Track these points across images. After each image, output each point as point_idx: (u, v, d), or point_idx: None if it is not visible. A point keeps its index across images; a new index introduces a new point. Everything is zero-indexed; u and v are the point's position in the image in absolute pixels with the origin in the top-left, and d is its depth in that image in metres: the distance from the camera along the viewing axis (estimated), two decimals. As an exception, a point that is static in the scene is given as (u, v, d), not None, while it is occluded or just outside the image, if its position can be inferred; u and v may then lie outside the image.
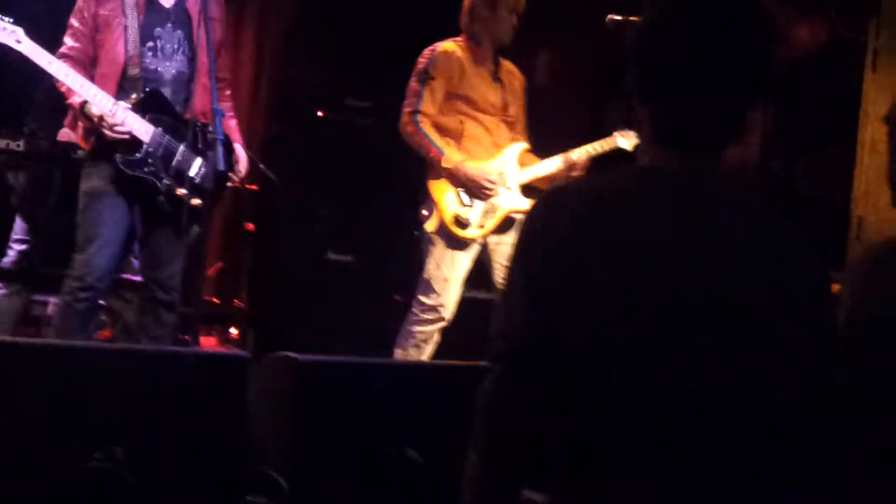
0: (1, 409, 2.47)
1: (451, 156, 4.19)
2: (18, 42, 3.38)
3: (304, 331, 5.61)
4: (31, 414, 2.50)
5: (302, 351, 2.87)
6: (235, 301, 5.84)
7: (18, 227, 4.67)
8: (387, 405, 2.92)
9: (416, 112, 4.24)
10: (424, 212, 4.29)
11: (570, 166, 4.29)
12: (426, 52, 4.35)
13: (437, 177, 4.24)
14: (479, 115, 4.33)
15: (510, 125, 4.44)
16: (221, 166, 3.43)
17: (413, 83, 4.31)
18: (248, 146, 5.70)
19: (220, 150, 3.41)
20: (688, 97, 1.50)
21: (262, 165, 5.26)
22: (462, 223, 4.20)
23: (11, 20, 3.37)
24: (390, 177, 6.24)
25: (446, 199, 4.22)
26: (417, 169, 4.42)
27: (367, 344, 5.14)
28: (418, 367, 3.63)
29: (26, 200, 4.66)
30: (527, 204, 4.32)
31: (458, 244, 4.23)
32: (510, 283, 1.51)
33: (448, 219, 4.20)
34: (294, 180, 5.95)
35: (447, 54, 4.30)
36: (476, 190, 4.20)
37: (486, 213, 4.24)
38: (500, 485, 1.48)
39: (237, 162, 3.83)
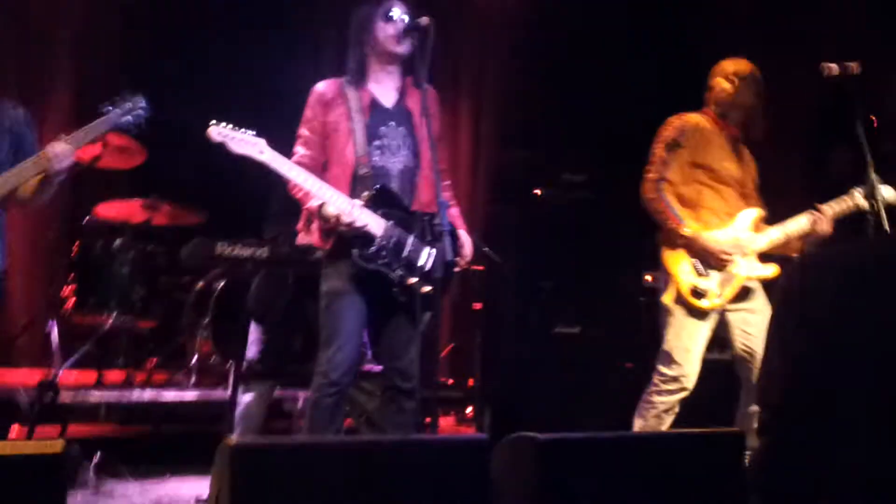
0: None
1: (692, 225, 4.20)
2: (261, 153, 3.56)
3: (538, 405, 5.65)
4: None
5: (538, 426, 2.90)
6: (469, 381, 5.96)
7: (253, 328, 4.96)
8: (630, 479, 2.90)
9: (661, 180, 4.29)
10: (654, 280, 4.31)
11: (816, 225, 4.22)
12: (675, 120, 4.41)
13: (673, 247, 4.24)
14: (719, 186, 4.34)
15: (747, 199, 4.42)
16: (449, 256, 3.55)
17: (659, 151, 4.35)
18: (470, 228, 5.89)
19: (447, 239, 3.53)
20: None
21: (485, 248, 5.39)
22: (700, 294, 4.18)
23: (254, 133, 3.57)
24: (609, 246, 6.26)
25: (682, 270, 4.21)
26: (637, 235, 4.44)
27: (601, 415, 5.12)
28: (660, 437, 3.57)
29: (253, 304, 4.95)
30: (766, 271, 4.27)
31: (697, 314, 4.20)
32: (771, 353, 1.49)
33: (685, 290, 4.19)
34: (517, 258, 6.06)
35: (697, 126, 4.37)
36: (713, 260, 4.18)
37: (724, 282, 4.20)
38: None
39: (462, 247, 3.95)
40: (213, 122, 3.50)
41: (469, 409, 6.16)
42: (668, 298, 4.23)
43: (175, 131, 6.86)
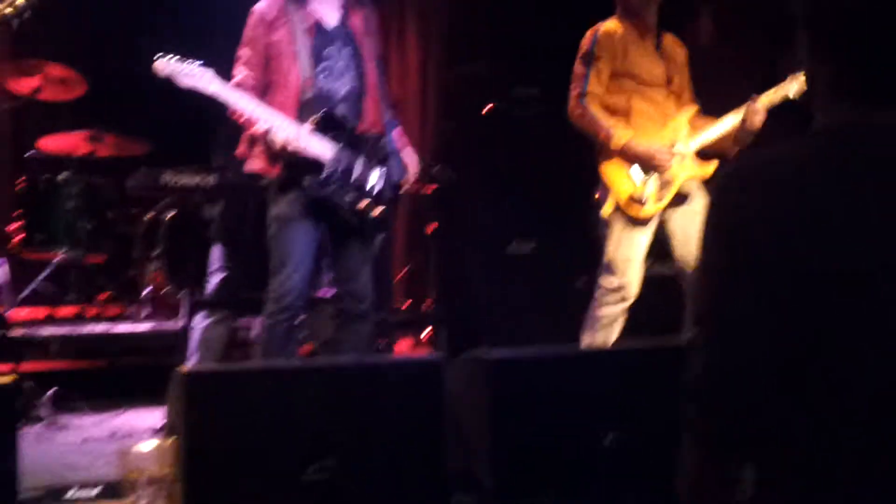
0: (218, 434, 2.64)
1: (621, 135, 4.14)
2: (210, 84, 3.49)
3: (492, 325, 5.69)
4: (250, 436, 2.66)
5: (493, 345, 2.92)
6: (426, 302, 5.97)
7: (215, 257, 4.90)
8: (582, 394, 2.94)
9: (583, 94, 4.23)
10: (598, 196, 4.27)
11: (746, 120, 4.13)
12: (588, 34, 4.34)
13: (608, 158, 4.20)
14: (646, 90, 4.27)
15: (677, 96, 4.37)
16: (396, 176, 3.52)
17: (578, 66, 4.30)
18: (421, 148, 5.84)
19: (394, 160, 3.50)
20: (880, 46, 1.42)
21: (437, 167, 5.36)
22: (638, 201, 4.15)
23: (201, 63, 3.49)
24: (564, 162, 6.24)
25: (619, 180, 4.18)
26: (589, 152, 4.41)
27: (554, 332, 5.17)
28: (610, 352, 3.62)
29: (222, 231, 4.91)
30: (704, 170, 4.25)
31: (636, 223, 4.17)
32: (707, 262, 1.49)
33: (623, 199, 4.16)
34: (469, 177, 6.04)
35: (609, 34, 4.27)
36: (649, 165, 4.14)
37: (663, 186, 4.16)
38: (717, 466, 1.47)
39: (408, 166, 3.92)
40: (160, 54, 3.41)
41: (426, 332, 6.19)
42: (607, 210, 4.20)
43: (116, 59, 6.73)
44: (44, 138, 6.08)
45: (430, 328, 5.94)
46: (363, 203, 3.69)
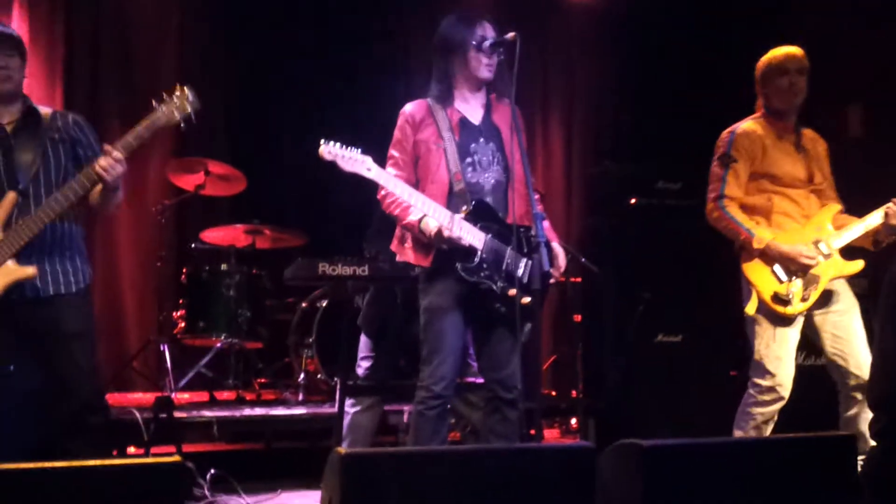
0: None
1: (762, 236, 4.13)
2: (369, 170, 3.63)
3: (641, 415, 5.63)
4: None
5: (641, 436, 2.90)
6: (572, 392, 5.96)
7: (364, 344, 5.06)
8: (737, 485, 2.89)
9: (720, 196, 4.26)
10: (745, 294, 4.24)
11: (889, 217, 4.10)
12: (724, 134, 4.38)
13: (750, 258, 4.18)
14: (786, 190, 4.26)
15: (819, 193, 4.33)
16: (546, 266, 3.57)
17: (715, 167, 4.34)
18: (566, 240, 5.90)
19: (543, 251, 3.55)
20: None
21: (582, 258, 5.40)
22: (783, 300, 4.10)
23: (361, 151, 3.63)
24: (710, 253, 6.19)
25: (763, 280, 4.15)
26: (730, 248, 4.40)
27: (705, 424, 5.07)
28: (767, 442, 3.53)
29: (368, 320, 5.05)
30: (850, 268, 4.19)
31: (784, 321, 4.13)
32: (887, 349, 1.48)
33: (768, 298, 4.12)
34: (615, 269, 6.05)
35: (747, 135, 4.29)
36: (793, 265, 4.11)
37: (808, 285, 4.12)
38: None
39: (556, 258, 3.98)
40: (323, 141, 3.60)
41: (573, 421, 6.16)
42: (751, 309, 4.16)
43: (273, 158, 7.08)
44: (206, 231, 6.44)
45: (576, 417, 5.91)
46: (512, 292, 3.75)
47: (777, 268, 4.13)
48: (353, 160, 3.60)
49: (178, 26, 7.26)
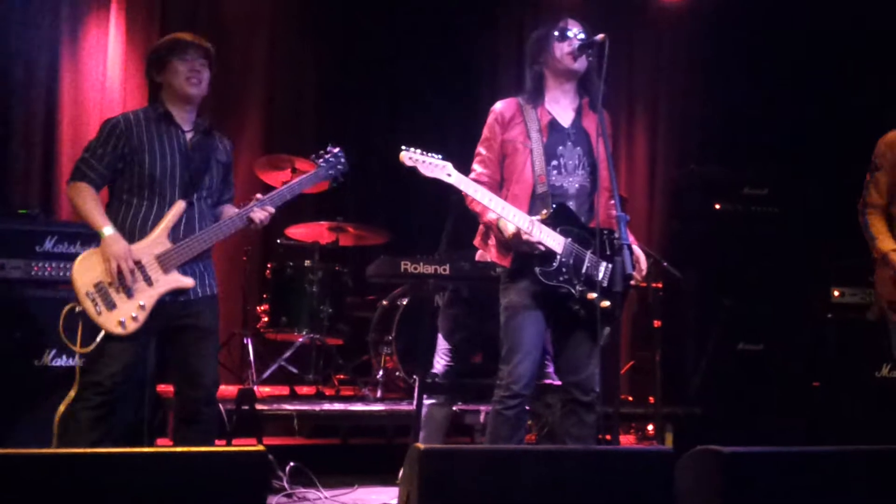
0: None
1: (882, 246, 4.19)
2: (449, 175, 3.67)
3: (720, 424, 5.57)
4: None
5: (720, 444, 2.89)
6: (650, 398, 5.91)
7: (442, 343, 5.10)
8: (814, 494, 2.86)
9: (865, 205, 4.33)
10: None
11: None
12: (878, 142, 4.39)
13: (877, 265, 4.24)
14: None
15: None
16: (629, 269, 3.56)
17: (868, 174, 4.38)
18: (649, 245, 5.86)
19: (626, 253, 3.55)
20: None
21: (664, 263, 5.36)
22: None
23: (441, 156, 3.68)
24: (792, 261, 6.11)
25: (884, 286, 4.19)
26: (821, 249, 4.36)
27: (785, 434, 5.00)
28: (844, 453, 3.48)
29: (445, 318, 5.09)
30: None
31: None
32: None
33: (885, 305, 4.17)
34: (697, 274, 6.00)
35: (889, 143, 4.31)
36: None
37: None
38: None
39: (637, 262, 3.96)
40: (404, 147, 3.64)
41: (650, 427, 6.11)
42: (873, 313, 4.24)
43: (359, 156, 7.16)
44: (291, 227, 6.54)
45: (653, 424, 5.87)
46: (591, 295, 3.75)
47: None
48: (433, 165, 3.64)
49: (269, 26, 7.40)
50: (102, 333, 3.53)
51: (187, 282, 3.67)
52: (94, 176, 3.66)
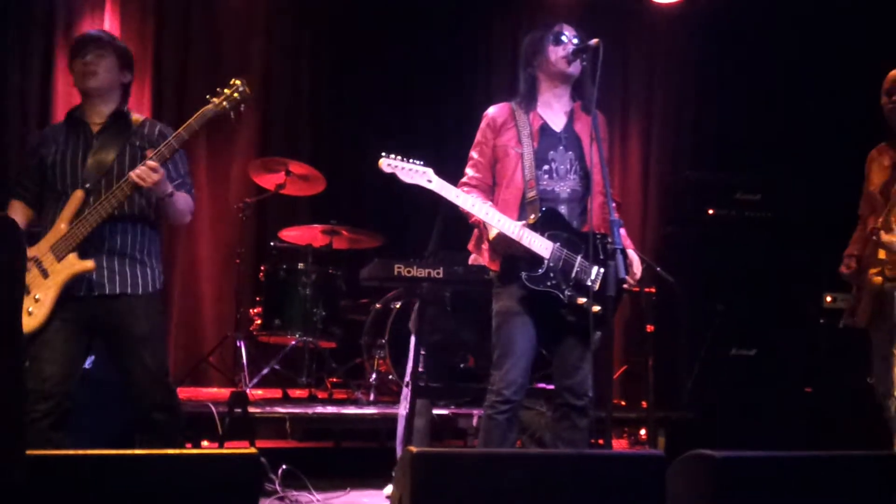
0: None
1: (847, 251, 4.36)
2: (429, 181, 3.69)
3: (713, 428, 5.58)
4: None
5: (712, 449, 2.89)
6: (643, 403, 5.92)
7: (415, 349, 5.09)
8: (806, 499, 2.86)
9: (859, 216, 4.45)
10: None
11: None
12: None
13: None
14: (875, 206, 4.28)
15: None
16: (622, 273, 3.56)
17: None
18: (642, 250, 5.87)
19: (619, 258, 3.55)
20: None
21: (658, 268, 5.37)
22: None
23: (422, 163, 3.70)
24: (785, 266, 6.13)
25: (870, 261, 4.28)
26: (814, 255, 4.39)
27: (777, 439, 5.01)
28: (837, 458, 3.48)
29: (422, 325, 5.08)
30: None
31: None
32: None
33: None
34: (690, 279, 6.01)
35: (870, 157, 4.40)
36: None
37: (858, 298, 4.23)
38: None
39: (631, 265, 3.97)
40: (383, 154, 3.66)
41: (642, 432, 6.12)
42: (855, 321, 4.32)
43: (353, 159, 7.17)
44: (285, 230, 6.55)
45: (645, 428, 5.88)
46: (581, 300, 3.75)
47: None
48: (413, 171, 3.66)
49: (265, 27, 7.39)
50: None
51: (86, 264, 3.55)
52: (21, 191, 3.77)
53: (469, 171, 3.95)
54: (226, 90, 3.71)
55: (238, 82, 3.72)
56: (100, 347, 3.95)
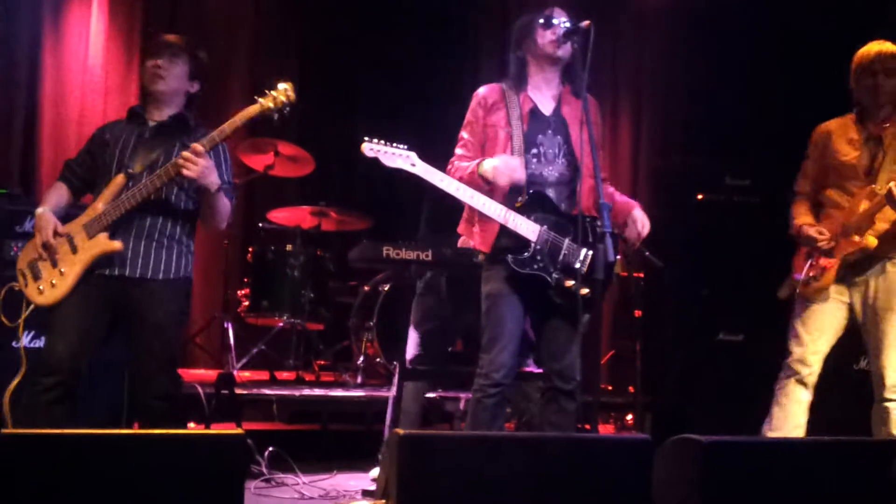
0: (430, 497, 2.72)
1: (794, 223, 4.39)
2: (413, 165, 3.68)
3: (700, 413, 5.59)
4: (459, 500, 2.73)
5: (699, 433, 2.89)
6: (630, 388, 5.94)
7: (413, 333, 5.09)
8: (792, 483, 2.87)
9: (794, 193, 4.50)
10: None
11: None
12: (814, 130, 4.49)
13: (797, 248, 4.44)
14: (843, 183, 4.29)
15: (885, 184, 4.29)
16: (612, 257, 3.55)
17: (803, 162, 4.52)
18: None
19: (608, 241, 3.54)
20: None
21: (646, 253, 5.37)
22: (806, 280, 4.30)
23: (406, 147, 3.69)
24: (774, 251, 6.12)
25: (798, 262, 4.40)
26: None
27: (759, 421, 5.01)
28: (821, 443, 3.50)
29: (419, 311, 5.09)
30: (865, 243, 4.19)
31: (812, 299, 4.29)
32: None
33: (800, 280, 4.34)
34: (678, 264, 6.00)
35: (820, 132, 4.44)
36: (805, 242, 4.33)
37: (825, 265, 4.24)
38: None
39: (635, 223, 4.02)
40: (366, 139, 3.65)
41: (630, 417, 6.14)
42: (783, 293, 4.47)
43: (342, 141, 7.14)
44: (274, 211, 6.53)
45: (632, 413, 5.90)
46: (569, 283, 3.74)
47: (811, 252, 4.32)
48: (395, 155, 3.65)
49: (254, 8, 7.35)
50: (31, 306, 3.57)
51: (114, 245, 3.56)
52: (68, 174, 3.84)
53: (459, 150, 3.94)
54: (273, 92, 3.73)
55: (288, 86, 3.74)
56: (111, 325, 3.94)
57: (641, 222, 4.02)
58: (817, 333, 4.26)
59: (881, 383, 4.10)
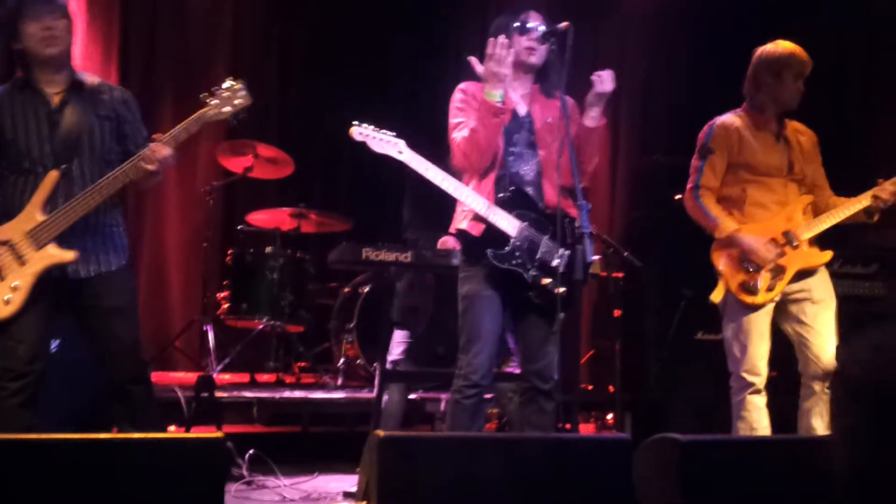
0: (410, 499, 2.72)
1: (727, 226, 4.20)
2: (400, 153, 3.68)
3: (679, 413, 5.60)
4: (427, 501, 2.73)
5: (679, 432, 2.90)
6: (610, 387, 5.95)
7: (399, 332, 5.10)
8: (771, 481, 2.89)
9: (696, 188, 4.33)
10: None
11: (874, 203, 4.18)
12: (705, 127, 4.42)
13: (720, 247, 4.27)
14: (763, 179, 4.28)
15: (801, 183, 4.33)
16: (589, 257, 3.56)
17: (694, 159, 4.39)
18: (609, 234, 5.88)
19: (587, 241, 3.54)
20: None
21: (625, 252, 5.39)
22: (749, 289, 4.16)
23: (395, 134, 3.69)
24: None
25: (731, 268, 4.23)
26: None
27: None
28: (799, 441, 3.53)
29: (406, 310, 5.09)
30: (819, 258, 4.22)
31: (750, 309, 4.19)
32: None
33: (734, 287, 4.19)
34: (657, 264, 6.02)
35: (724, 127, 4.34)
36: (754, 258, 4.16)
37: (775, 275, 4.17)
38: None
39: (599, 76, 4.05)
40: (355, 122, 3.65)
41: (610, 416, 6.15)
42: (716, 297, 4.29)
43: (321, 143, 7.14)
44: (253, 213, 6.50)
45: (612, 413, 5.91)
46: (545, 281, 3.75)
47: (744, 257, 4.18)
48: (384, 142, 3.65)
49: (233, 9, 7.33)
50: None
51: (67, 256, 3.49)
52: None
53: (458, 129, 3.86)
54: (225, 93, 3.64)
55: (238, 85, 3.66)
56: (65, 330, 3.91)
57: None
58: (758, 339, 4.20)
59: (816, 371, 4.13)
